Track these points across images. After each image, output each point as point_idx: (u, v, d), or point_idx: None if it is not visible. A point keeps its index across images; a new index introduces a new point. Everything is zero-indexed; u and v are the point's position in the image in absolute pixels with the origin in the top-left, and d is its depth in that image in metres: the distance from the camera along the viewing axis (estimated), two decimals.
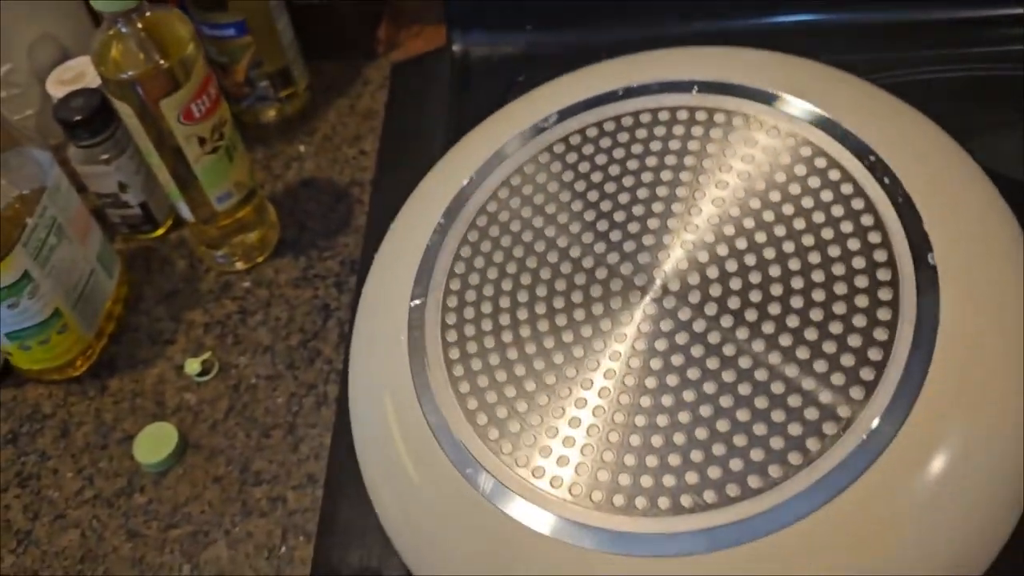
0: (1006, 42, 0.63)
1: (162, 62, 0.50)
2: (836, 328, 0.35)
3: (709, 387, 0.36)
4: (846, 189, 0.38)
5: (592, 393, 0.37)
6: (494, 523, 0.36)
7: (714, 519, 0.33)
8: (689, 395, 0.36)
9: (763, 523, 0.33)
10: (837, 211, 0.38)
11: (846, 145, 0.39)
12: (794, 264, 0.37)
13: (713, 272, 0.38)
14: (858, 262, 0.36)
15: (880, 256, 0.36)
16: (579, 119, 0.44)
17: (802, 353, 0.35)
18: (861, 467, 0.32)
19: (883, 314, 0.35)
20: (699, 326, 0.37)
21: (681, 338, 0.37)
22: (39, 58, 0.66)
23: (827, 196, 0.38)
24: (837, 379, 0.34)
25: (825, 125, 0.40)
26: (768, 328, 0.36)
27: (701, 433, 0.35)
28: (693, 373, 0.36)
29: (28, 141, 0.54)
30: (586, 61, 0.48)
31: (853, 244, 0.37)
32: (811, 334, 0.35)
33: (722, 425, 0.35)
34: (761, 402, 0.35)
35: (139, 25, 0.49)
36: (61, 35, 0.67)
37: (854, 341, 0.35)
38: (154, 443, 0.53)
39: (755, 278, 0.37)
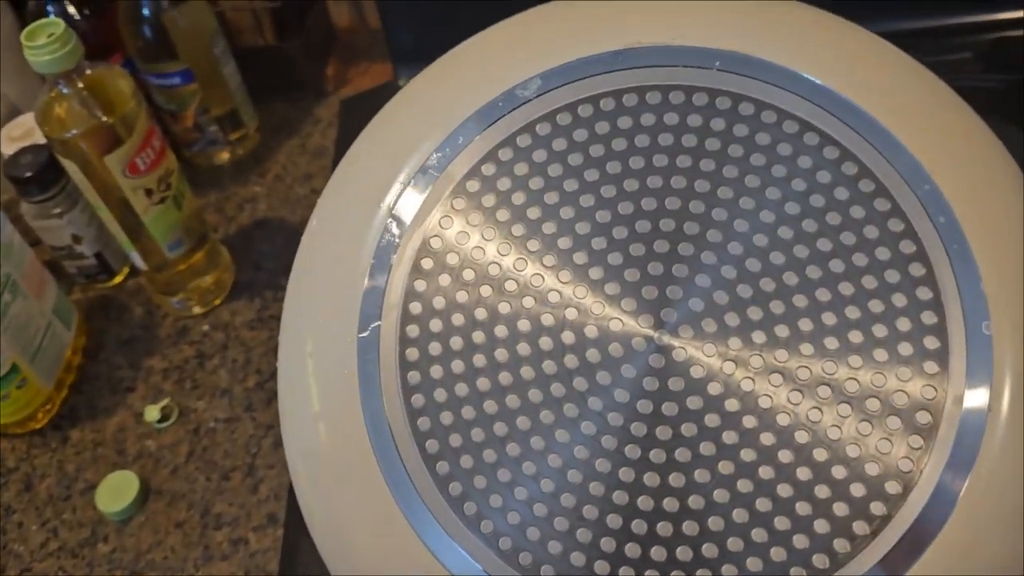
0: (954, 51, 0.65)
1: (105, 119, 0.51)
2: (877, 405, 0.30)
3: (724, 467, 0.30)
4: (894, 226, 0.32)
5: (589, 464, 0.31)
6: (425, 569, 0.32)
7: None
8: (702, 475, 0.30)
9: None
10: (882, 255, 0.31)
11: (897, 166, 0.32)
12: (829, 319, 0.31)
13: (732, 319, 0.32)
14: (903, 323, 0.31)
15: (929, 319, 0.31)
16: (569, 90, 0.35)
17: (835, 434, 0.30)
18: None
19: (928, 392, 0.30)
20: (714, 390, 0.31)
21: (693, 403, 0.31)
22: None
23: (871, 233, 0.32)
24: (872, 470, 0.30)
25: (877, 136, 0.33)
26: (795, 398, 0.31)
27: (716, 524, 0.30)
28: (706, 448, 0.31)
29: None
30: None
31: (898, 299, 0.31)
32: (844, 410, 0.31)
33: (739, 515, 0.30)
34: (784, 490, 0.30)
35: (80, 84, 0.50)
36: (10, 92, 0.68)
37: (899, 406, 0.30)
38: (116, 492, 0.54)
39: (784, 332, 0.32)
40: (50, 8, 0.62)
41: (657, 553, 0.30)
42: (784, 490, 0.30)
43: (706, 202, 0.33)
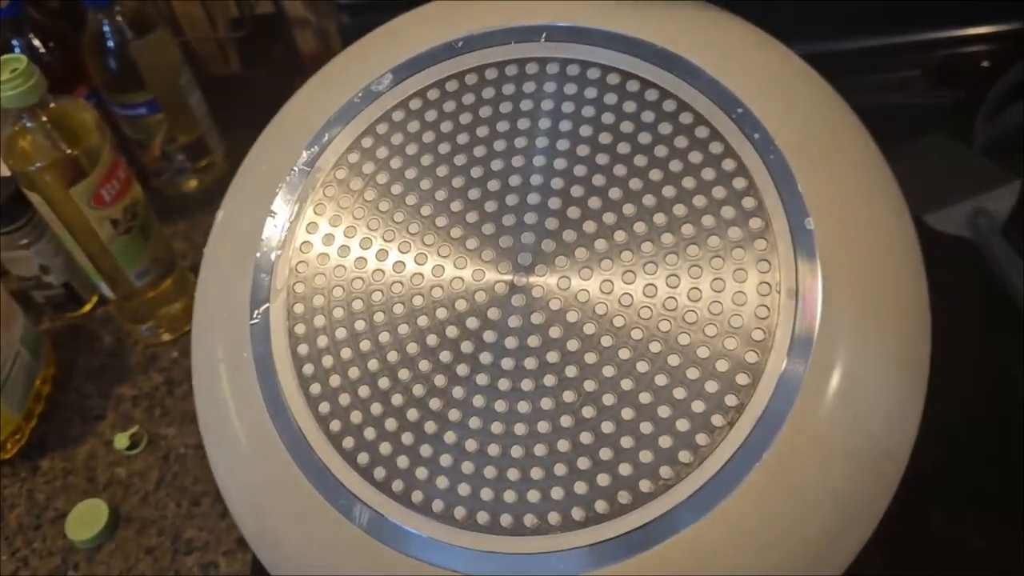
0: (904, 68, 0.67)
1: (69, 151, 0.52)
2: (710, 320, 0.33)
3: (589, 385, 0.33)
4: (715, 148, 0.35)
5: (465, 404, 0.34)
6: (375, 559, 0.34)
7: (606, 531, 0.32)
8: (570, 396, 0.33)
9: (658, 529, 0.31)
10: (708, 175, 0.35)
11: (712, 97, 0.36)
12: (667, 240, 0.34)
13: (582, 261, 0.35)
14: (734, 233, 0.34)
15: (756, 224, 0.34)
16: (417, 78, 0.39)
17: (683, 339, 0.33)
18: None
19: (764, 289, 0.33)
20: (572, 317, 0.34)
21: (555, 332, 0.34)
22: None
23: (695, 158, 0.35)
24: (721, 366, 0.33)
25: (689, 74, 0.37)
26: (645, 314, 0.34)
27: (586, 438, 0.33)
28: (571, 371, 0.34)
29: None
30: None
31: (727, 212, 0.34)
32: (691, 317, 0.33)
33: (607, 427, 0.33)
34: (645, 397, 0.33)
35: (44, 118, 0.51)
36: None
37: (731, 336, 0.33)
38: (86, 520, 0.54)
39: (629, 257, 0.35)
40: (15, 42, 0.63)
41: (537, 473, 0.33)
42: (645, 397, 0.33)
43: (546, 155, 0.37)
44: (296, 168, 0.39)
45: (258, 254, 0.38)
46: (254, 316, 0.37)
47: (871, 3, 0.64)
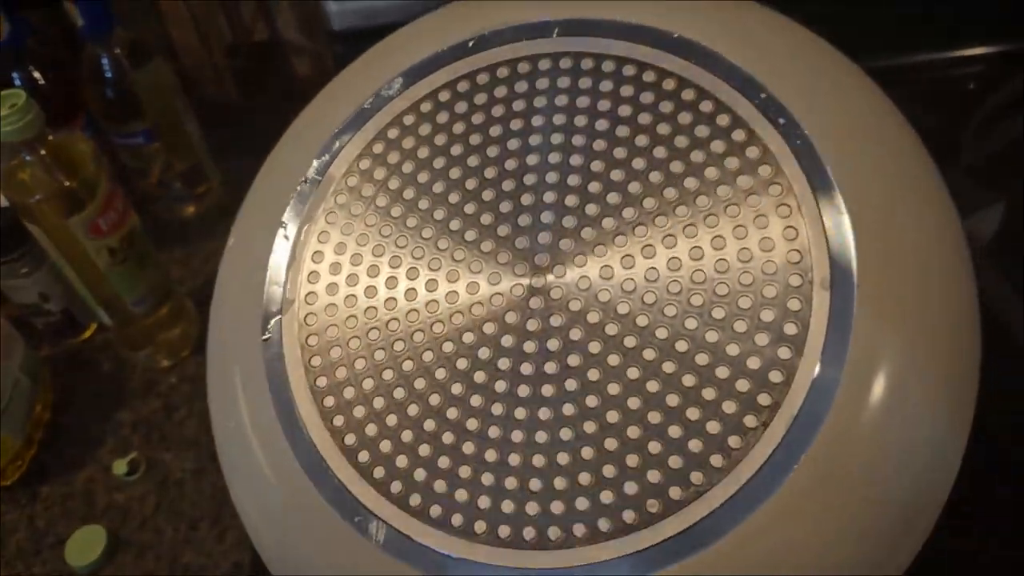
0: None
1: (67, 183, 0.53)
2: (747, 311, 0.32)
3: (613, 388, 0.32)
4: (738, 136, 0.34)
5: (484, 412, 0.33)
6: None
7: (635, 542, 0.30)
8: (593, 400, 0.32)
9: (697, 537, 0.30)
10: (731, 164, 0.33)
11: (733, 83, 0.35)
12: (691, 232, 0.33)
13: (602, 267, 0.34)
14: (762, 223, 0.32)
15: (785, 213, 0.32)
16: (428, 81, 0.38)
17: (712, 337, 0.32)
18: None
19: (795, 280, 0.31)
20: (593, 318, 0.33)
21: (576, 334, 0.33)
22: None
23: (718, 147, 0.34)
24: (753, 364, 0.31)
25: (708, 61, 0.35)
26: (670, 311, 0.32)
27: (612, 444, 0.31)
28: (593, 374, 0.32)
29: None
30: None
31: (754, 201, 0.33)
32: (719, 313, 0.32)
33: (633, 432, 0.31)
34: (672, 399, 0.31)
35: (42, 151, 0.52)
36: None
37: (765, 320, 0.31)
38: (85, 545, 0.55)
39: (659, 264, 0.33)
40: (15, 74, 0.64)
41: (559, 483, 0.31)
42: (673, 399, 0.31)
43: (562, 152, 0.35)
44: (307, 178, 0.38)
45: (270, 266, 0.38)
46: (267, 330, 0.37)
47: (857, 27, 0.65)
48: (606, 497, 0.31)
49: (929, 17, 0.67)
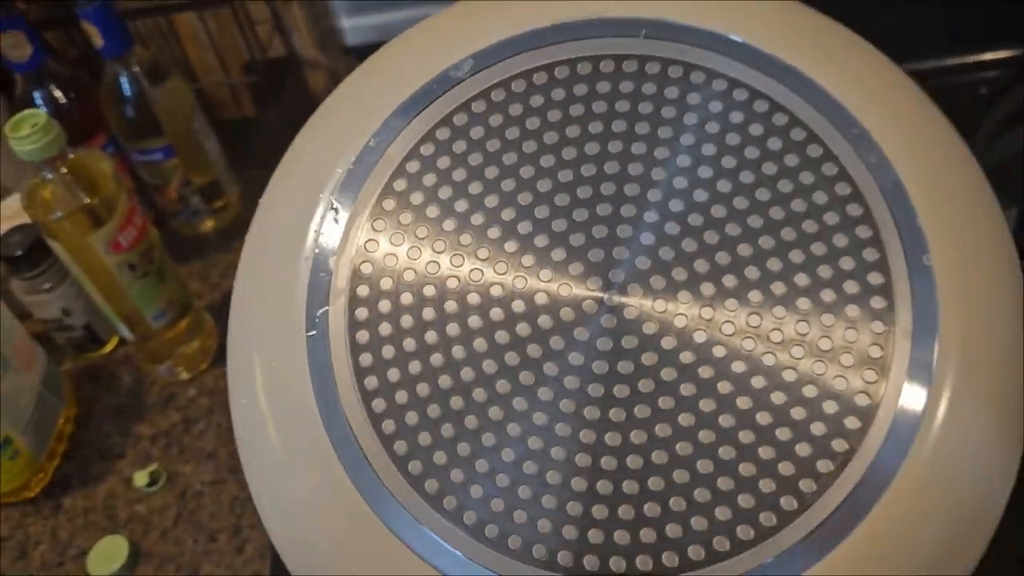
0: None
1: (87, 200, 0.54)
2: (827, 344, 0.30)
3: (685, 419, 0.30)
4: (828, 170, 0.32)
5: (548, 431, 0.31)
6: None
7: None
8: (664, 429, 0.30)
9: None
10: (820, 199, 0.32)
11: (825, 113, 0.33)
12: (774, 265, 0.32)
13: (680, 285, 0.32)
14: (847, 263, 0.31)
15: (871, 256, 0.31)
16: (501, 67, 0.35)
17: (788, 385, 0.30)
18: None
19: (877, 326, 0.31)
20: (668, 344, 0.31)
21: (648, 358, 0.31)
22: None
23: (807, 179, 0.32)
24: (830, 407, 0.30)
25: (803, 86, 0.33)
26: (748, 345, 0.31)
27: (681, 476, 0.30)
28: (666, 402, 0.31)
29: None
30: None
31: (839, 240, 0.31)
32: (798, 352, 0.31)
33: (704, 466, 0.30)
34: (746, 436, 0.30)
35: (63, 169, 0.53)
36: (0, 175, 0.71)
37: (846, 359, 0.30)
38: (107, 556, 0.56)
39: (732, 281, 0.32)
40: (37, 93, 0.65)
41: (625, 512, 0.30)
42: (746, 436, 0.30)
43: (644, 163, 0.33)
44: (360, 157, 0.34)
45: (315, 252, 0.34)
46: (313, 320, 0.33)
47: (867, 31, 0.66)
48: (673, 531, 0.30)
49: (942, 22, 0.67)
